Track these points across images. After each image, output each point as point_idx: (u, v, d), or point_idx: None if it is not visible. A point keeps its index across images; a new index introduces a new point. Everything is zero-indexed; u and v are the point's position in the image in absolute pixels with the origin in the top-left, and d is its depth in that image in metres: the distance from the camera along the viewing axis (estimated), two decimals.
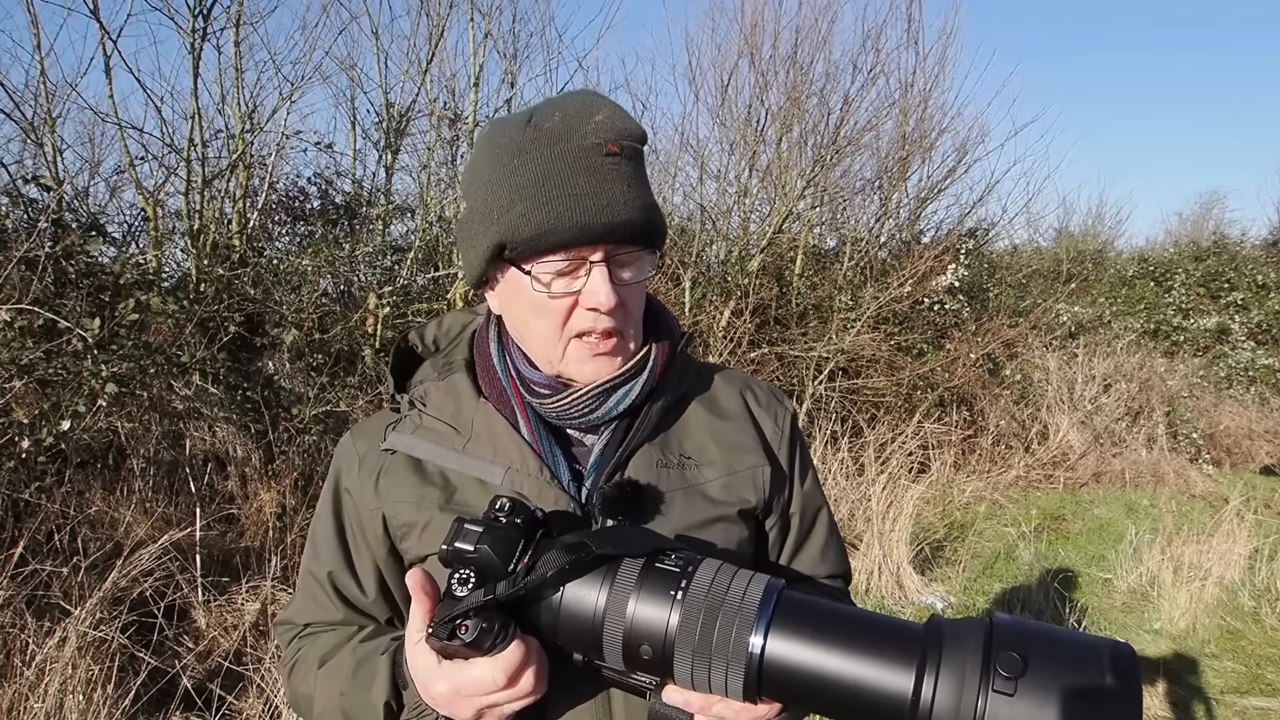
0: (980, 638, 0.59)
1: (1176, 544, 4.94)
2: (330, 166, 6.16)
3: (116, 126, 4.69)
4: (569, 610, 0.69)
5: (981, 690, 0.56)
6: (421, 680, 0.76)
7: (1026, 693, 0.56)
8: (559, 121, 0.84)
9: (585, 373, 0.88)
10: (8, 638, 2.74)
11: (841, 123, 7.09)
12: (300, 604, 0.97)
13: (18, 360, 3.38)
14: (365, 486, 0.92)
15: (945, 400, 7.20)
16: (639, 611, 0.66)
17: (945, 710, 0.57)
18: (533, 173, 0.82)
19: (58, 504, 3.38)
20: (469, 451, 0.90)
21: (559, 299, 0.84)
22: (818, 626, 0.64)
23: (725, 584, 0.66)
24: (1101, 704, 0.55)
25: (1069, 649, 0.58)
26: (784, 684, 0.64)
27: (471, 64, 6.23)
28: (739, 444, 0.96)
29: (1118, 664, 0.56)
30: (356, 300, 5.59)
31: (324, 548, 0.95)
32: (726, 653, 0.63)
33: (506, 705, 0.74)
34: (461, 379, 0.95)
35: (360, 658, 0.87)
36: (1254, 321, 10.69)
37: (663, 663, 0.66)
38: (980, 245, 9.03)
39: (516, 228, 0.82)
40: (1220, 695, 3.69)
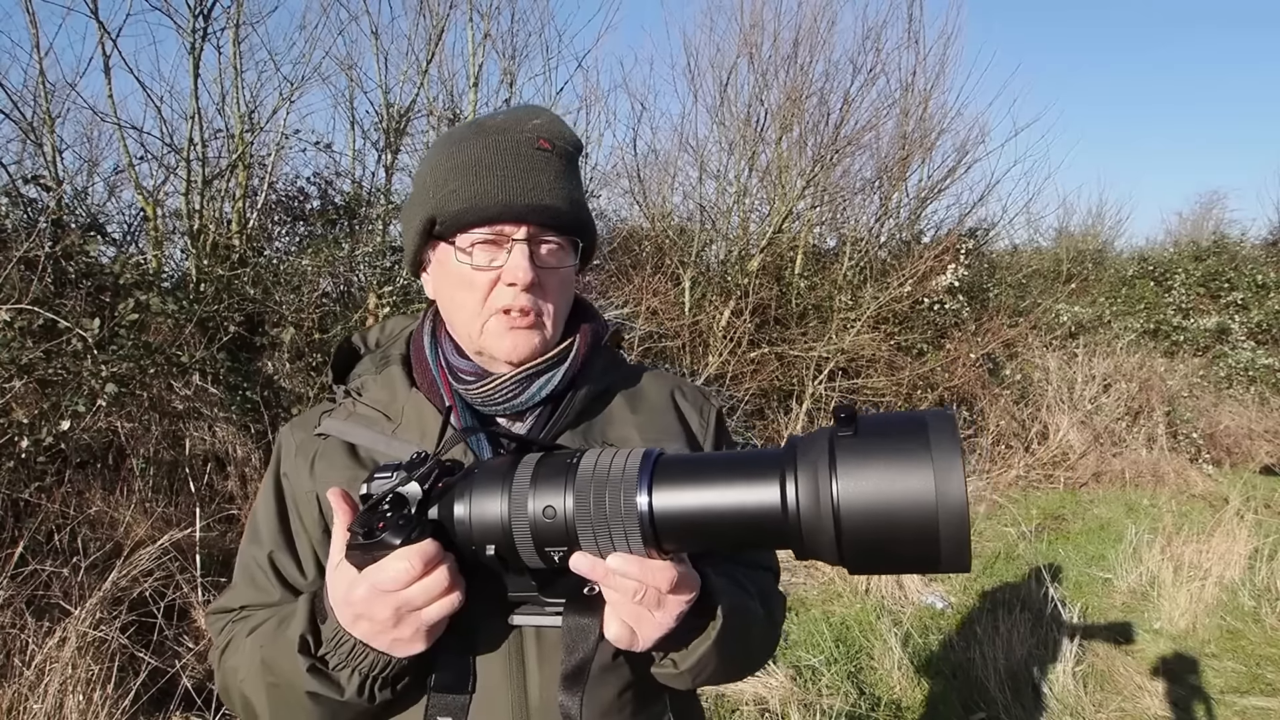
0: (825, 432, 0.66)
1: (1176, 544, 4.94)
2: (330, 166, 6.16)
3: (116, 126, 4.69)
4: (478, 505, 0.74)
5: (830, 465, 0.63)
6: (342, 596, 0.76)
7: (866, 431, 0.64)
8: (500, 121, 0.93)
9: (502, 347, 0.92)
10: (8, 638, 2.73)
11: (841, 123, 7.10)
12: (237, 589, 0.97)
13: (18, 360, 3.38)
14: (301, 470, 0.95)
15: (945, 400, 7.20)
16: (538, 495, 0.72)
17: (807, 498, 0.64)
18: (467, 157, 0.90)
19: (58, 504, 3.38)
20: (398, 436, 0.93)
21: (482, 272, 0.90)
22: (692, 474, 0.70)
23: (609, 460, 0.72)
24: (927, 437, 0.62)
25: (895, 414, 0.67)
26: (676, 531, 0.70)
27: (471, 64, 6.23)
28: (663, 435, 1.00)
29: (938, 416, 0.64)
30: (356, 300, 5.59)
31: (265, 530, 0.97)
32: (620, 517, 0.70)
33: (425, 606, 0.74)
34: (396, 371, 0.99)
35: (284, 614, 0.88)
36: (1254, 321, 10.69)
37: (568, 533, 0.72)
38: (980, 245, 9.03)
39: (446, 202, 0.90)
40: (1220, 695, 3.69)
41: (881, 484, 0.62)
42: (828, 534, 0.64)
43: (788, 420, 6.23)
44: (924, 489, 0.61)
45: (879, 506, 0.62)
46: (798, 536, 0.66)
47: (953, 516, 0.60)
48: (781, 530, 0.67)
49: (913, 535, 0.61)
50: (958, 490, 0.60)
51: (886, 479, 0.62)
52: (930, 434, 0.62)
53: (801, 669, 3.63)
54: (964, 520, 0.60)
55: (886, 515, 0.62)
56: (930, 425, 0.63)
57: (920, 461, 0.61)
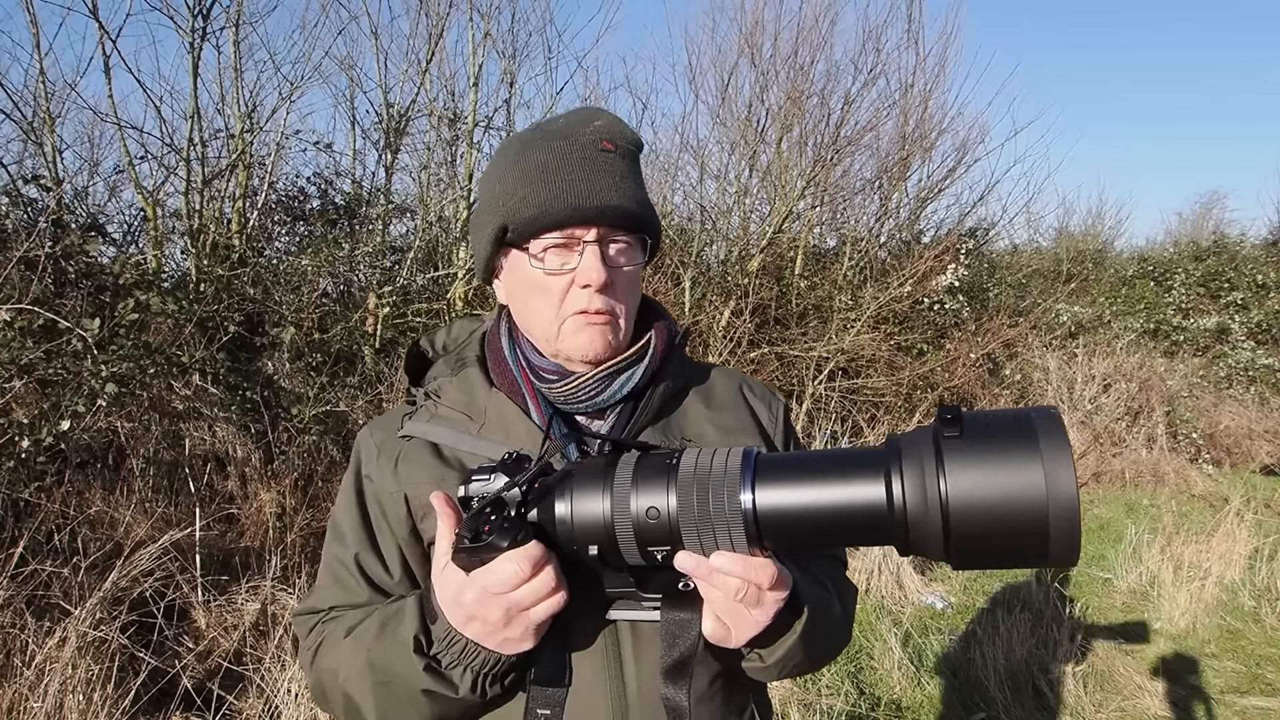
0: (928, 430, 0.67)
1: (1176, 544, 4.94)
2: (330, 166, 6.17)
3: (116, 126, 4.69)
4: (580, 507, 0.75)
5: (938, 462, 0.64)
6: (451, 598, 0.78)
7: (972, 430, 0.64)
8: (562, 125, 0.94)
9: (580, 344, 0.93)
10: (8, 638, 2.73)
11: (841, 123, 7.10)
12: (324, 590, 1.00)
13: (18, 360, 3.38)
14: (385, 472, 0.97)
15: (945, 400, 7.20)
16: (640, 495, 0.73)
17: (915, 495, 0.65)
18: (534, 163, 0.92)
19: (58, 504, 3.38)
20: (483, 436, 0.95)
21: (555, 276, 0.92)
22: (795, 472, 0.71)
23: (709, 459, 0.73)
24: (1035, 433, 0.63)
25: (999, 410, 0.67)
26: (780, 529, 0.71)
27: (471, 64, 6.23)
28: (736, 429, 1.03)
29: (1042, 412, 0.65)
30: (356, 300, 5.60)
31: (348, 532, 0.99)
32: (725, 516, 0.71)
33: (533, 606, 0.76)
34: (474, 372, 1.01)
35: (386, 615, 0.89)
36: (1254, 321, 10.69)
37: (671, 533, 0.73)
38: (980, 245, 9.03)
39: (517, 210, 0.91)
40: (1220, 695, 3.69)
41: (991, 479, 0.62)
42: (935, 530, 0.64)
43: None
44: (1034, 483, 0.61)
45: (989, 502, 0.62)
46: (903, 533, 0.67)
47: (1063, 510, 0.61)
48: (887, 527, 0.67)
49: (1023, 530, 0.62)
50: (1069, 483, 0.61)
51: (996, 474, 0.62)
52: (1037, 429, 0.63)
53: None
54: (1075, 513, 0.61)
55: (997, 510, 0.62)
56: (1036, 421, 0.64)
57: (1029, 456, 0.62)
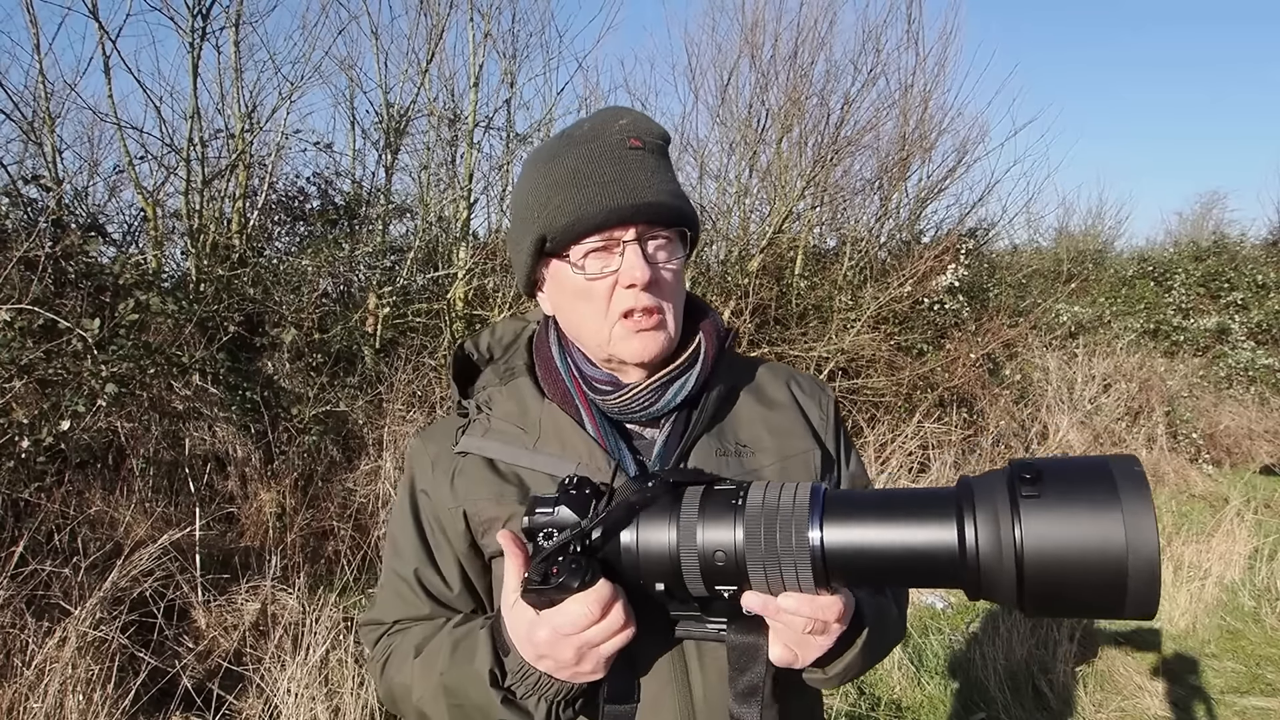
0: (1003, 475, 0.66)
1: (1176, 544, 4.94)
2: (330, 166, 6.17)
3: (116, 126, 4.70)
4: (646, 546, 0.75)
5: (1014, 509, 0.63)
6: (523, 636, 0.79)
7: (1050, 490, 0.62)
8: (587, 128, 0.93)
9: (633, 349, 0.92)
10: (8, 638, 2.73)
11: (841, 123, 7.09)
12: (387, 603, 1.01)
13: (18, 360, 3.38)
14: (441, 487, 0.98)
15: (945, 400, 7.20)
16: (707, 533, 0.73)
17: (988, 541, 0.64)
18: (565, 170, 0.91)
19: (58, 504, 3.38)
20: (539, 450, 0.95)
21: (598, 280, 0.91)
22: (864, 511, 0.71)
23: (776, 495, 0.73)
24: (1115, 487, 0.61)
25: (1079, 461, 0.65)
26: (848, 567, 0.71)
27: (471, 64, 6.23)
28: (790, 431, 1.02)
29: (1123, 463, 0.63)
30: (356, 300, 5.60)
31: (406, 547, 0.99)
32: (792, 552, 0.70)
33: (603, 643, 0.77)
34: (524, 382, 1.00)
35: (457, 638, 0.90)
36: (1254, 321, 10.68)
37: (737, 571, 0.73)
38: (980, 245, 9.03)
39: (553, 218, 0.90)
40: (1220, 695, 3.69)
41: (1068, 529, 0.61)
42: (1009, 577, 0.63)
43: None
44: (1114, 536, 0.60)
45: (1066, 552, 0.61)
46: (975, 579, 0.66)
47: (1144, 564, 0.59)
48: (958, 572, 0.66)
49: (1100, 582, 0.60)
50: (1150, 537, 0.59)
51: (1074, 524, 0.61)
52: (1117, 479, 0.62)
53: None
54: (1155, 568, 0.59)
55: (1073, 561, 0.61)
56: (1114, 469, 0.62)
57: (1109, 507, 0.60)
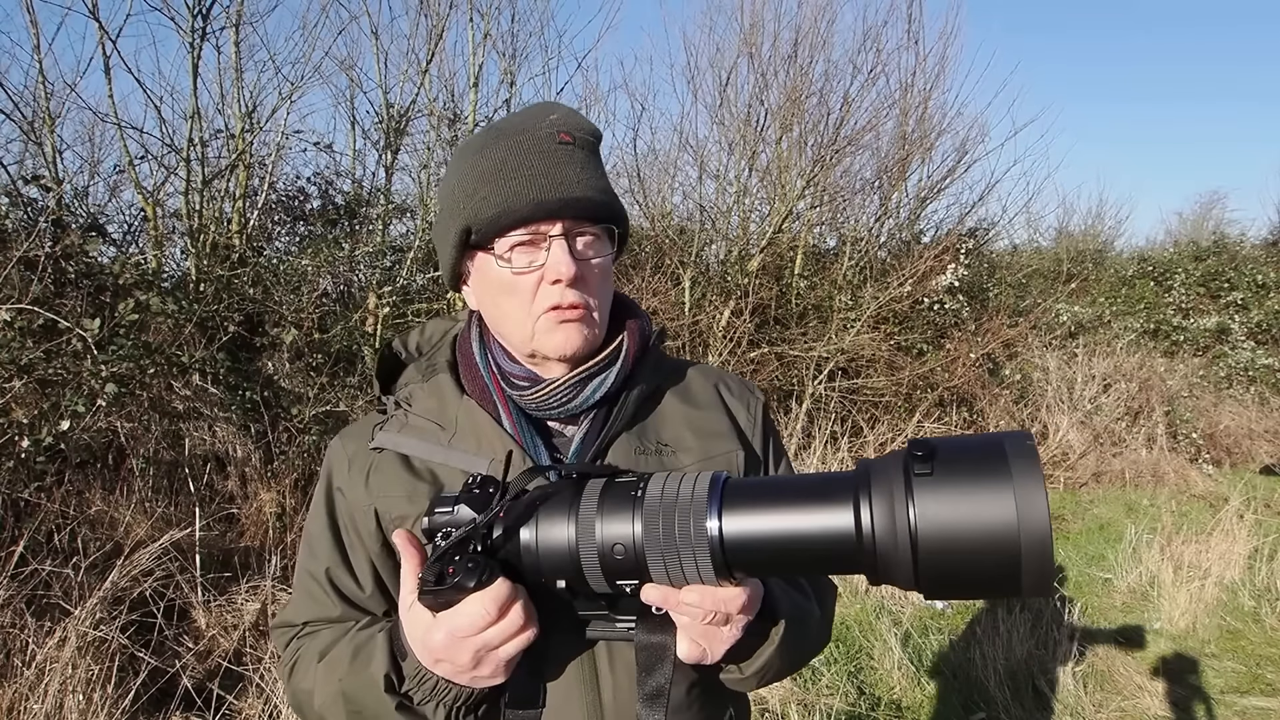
0: (899, 457, 0.65)
1: (1176, 544, 4.94)
2: (330, 166, 6.17)
3: (116, 126, 4.69)
4: (545, 542, 0.74)
5: (907, 490, 0.62)
6: (419, 639, 0.78)
7: (942, 468, 0.62)
8: (517, 121, 0.92)
9: (556, 342, 0.91)
10: (8, 638, 2.74)
11: (841, 123, 7.09)
12: (298, 604, 0.99)
13: (18, 360, 3.38)
14: (356, 484, 0.95)
15: (945, 400, 7.20)
16: (605, 527, 0.72)
17: (883, 524, 0.63)
18: (492, 162, 0.89)
19: (58, 504, 3.38)
20: (454, 446, 0.93)
21: (524, 274, 0.90)
22: (762, 498, 0.70)
23: (675, 485, 0.72)
24: (1007, 463, 0.60)
25: (972, 439, 0.65)
26: (747, 556, 0.70)
27: (471, 64, 6.23)
28: (714, 431, 1.01)
29: (1016, 439, 0.62)
30: (356, 300, 5.59)
31: (320, 546, 0.97)
32: (690, 542, 0.69)
33: (502, 646, 0.75)
34: (445, 379, 0.98)
35: (358, 643, 0.89)
36: (1254, 321, 10.68)
37: (637, 565, 0.71)
38: (980, 245, 9.03)
39: (478, 210, 0.89)
40: (1220, 695, 3.69)
41: (961, 508, 0.60)
42: (905, 559, 0.62)
43: (788, 420, 6.23)
44: (1005, 513, 0.59)
45: (958, 531, 0.60)
46: (872, 562, 0.65)
47: (1036, 541, 0.59)
48: (855, 556, 0.66)
49: (994, 560, 0.60)
50: (1040, 513, 0.59)
51: (966, 503, 0.60)
52: (1009, 456, 0.61)
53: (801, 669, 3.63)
54: (1047, 545, 0.59)
55: (966, 541, 0.60)
56: (1007, 446, 0.62)
57: (1000, 485, 0.60)
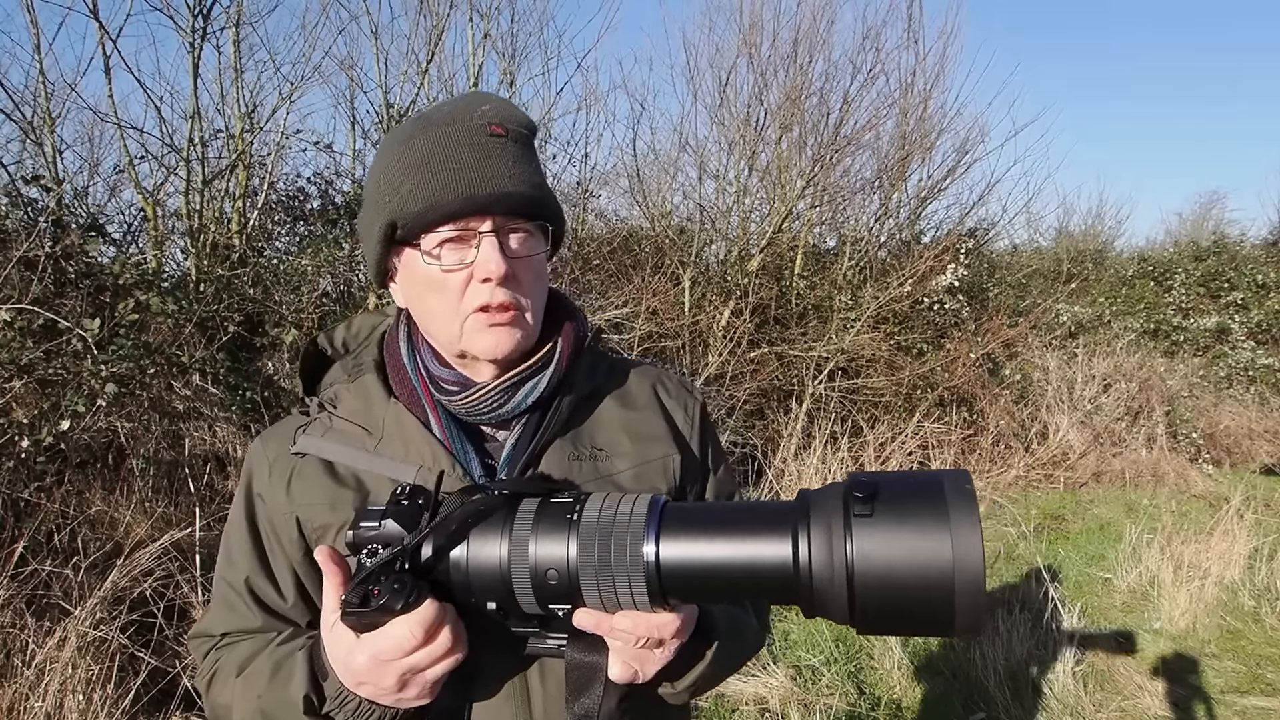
0: (839, 491, 0.66)
1: (1176, 544, 4.94)
2: (330, 166, 6.17)
3: (116, 126, 4.70)
4: (476, 563, 0.71)
5: (845, 527, 0.63)
6: (341, 660, 0.74)
7: (882, 510, 0.63)
8: (447, 111, 0.87)
9: (485, 344, 0.87)
10: (8, 638, 2.73)
11: (841, 122, 7.09)
12: (216, 614, 0.94)
13: (18, 360, 3.38)
14: (277, 491, 0.91)
15: (945, 400, 7.20)
16: (539, 549, 0.70)
17: (821, 558, 0.64)
18: (420, 153, 0.84)
19: (58, 504, 3.38)
20: (380, 452, 0.89)
21: (452, 272, 0.86)
22: (702, 525, 0.69)
23: (613, 508, 0.71)
24: (945, 505, 0.62)
25: (913, 477, 0.66)
26: (683, 583, 0.69)
27: (470, 64, 6.23)
28: (650, 435, 0.98)
29: (956, 480, 0.64)
30: (356, 300, 5.59)
31: (239, 554, 0.93)
32: (625, 567, 0.68)
33: (429, 668, 0.73)
34: (371, 380, 0.94)
35: (278, 659, 0.85)
36: (1254, 321, 10.68)
37: (570, 589, 0.70)
38: (980, 245, 9.03)
39: (405, 204, 0.84)
40: (1220, 695, 3.69)
41: (897, 546, 0.61)
42: (840, 595, 0.63)
43: (788, 420, 6.23)
44: (941, 555, 0.60)
45: (895, 571, 0.61)
46: (808, 595, 0.65)
47: (969, 583, 0.59)
48: (792, 588, 0.66)
49: (928, 599, 0.61)
50: (975, 556, 0.59)
51: (903, 541, 0.61)
52: (947, 496, 0.62)
53: (801, 669, 3.63)
54: (980, 586, 0.59)
55: (903, 580, 0.61)
56: (946, 487, 0.63)
57: (937, 526, 0.61)
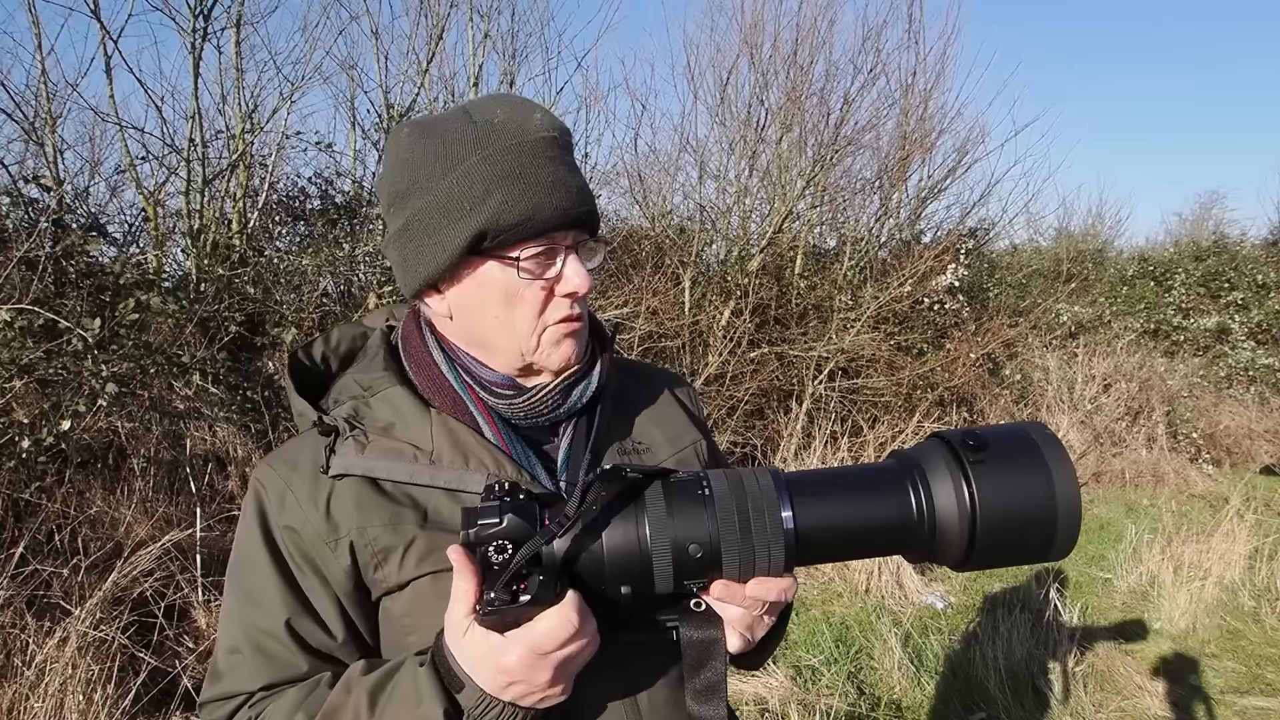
0: (940, 446, 0.74)
1: (1176, 544, 4.94)
2: (330, 166, 6.18)
3: (117, 126, 4.70)
4: (613, 547, 0.72)
5: (965, 474, 0.71)
6: (490, 663, 0.70)
7: (993, 457, 0.72)
8: (507, 118, 0.85)
9: (562, 354, 0.89)
10: (8, 638, 2.74)
11: (841, 122, 7.09)
12: (243, 669, 0.83)
13: (18, 360, 3.38)
14: (312, 518, 0.84)
15: (945, 400, 7.20)
16: (680, 526, 0.72)
17: (946, 504, 0.72)
18: (505, 163, 0.82)
19: (58, 504, 3.38)
20: (437, 464, 0.85)
21: (538, 285, 0.86)
22: (824, 490, 0.75)
23: (739, 481, 0.74)
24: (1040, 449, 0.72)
25: (1001, 430, 0.75)
26: (818, 544, 0.74)
27: (471, 64, 6.24)
28: (676, 424, 1.03)
29: (1039, 429, 0.74)
30: (356, 300, 5.59)
31: (269, 596, 0.84)
32: (767, 534, 0.72)
33: (579, 657, 0.73)
34: (398, 392, 0.90)
35: (372, 686, 0.77)
36: (1254, 321, 10.68)
37: (711, 561, 0.73)
38: (980, 245, 9.03)
39: (498, 215, 0.82)
40: (1220, 695, 3.69)
41: (1014, 486, 0.71)
42: (962, 536, 0.71)
43: (788, 420, 6.23)
44: (1049, 488, 0.70)
45: (1012, 506, 0.70)
46: (928, 542, 0.73)
47: (1069, 512, 0.70)
48: (914, 536, 0.73)
49: (1035, 530, 0.71)
50: (1074, 488, 0.70)
51: (1018, 480, 0.71)
52: (1038, 442, 0.72)
53: (801, 669, 3.63)
54: (1078, 512, 0.70)
55: (1018, 514, 0.70)
56: (1034, 435, 0.73)
57: (1039, 466, 0.71)
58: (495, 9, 6.20)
